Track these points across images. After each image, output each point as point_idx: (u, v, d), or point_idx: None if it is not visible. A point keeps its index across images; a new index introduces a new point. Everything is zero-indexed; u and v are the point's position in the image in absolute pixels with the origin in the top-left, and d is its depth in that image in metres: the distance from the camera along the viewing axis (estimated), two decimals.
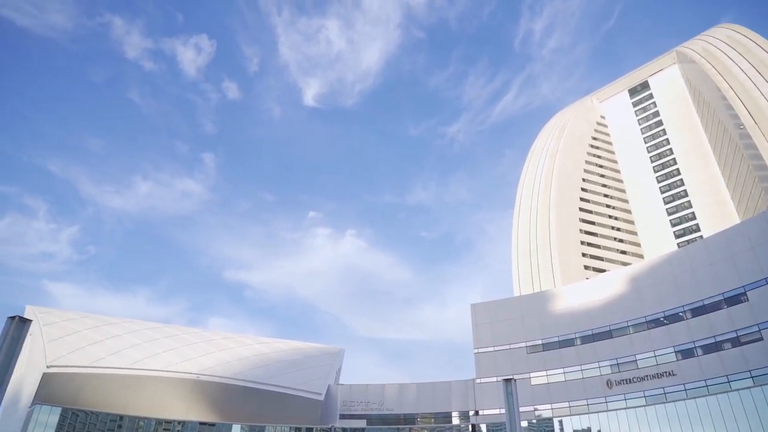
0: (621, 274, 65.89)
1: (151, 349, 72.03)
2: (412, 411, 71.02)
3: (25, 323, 21.85)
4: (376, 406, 71.74)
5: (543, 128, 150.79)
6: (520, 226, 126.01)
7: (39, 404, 58.72)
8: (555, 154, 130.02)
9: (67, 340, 67.59)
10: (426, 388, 72.37)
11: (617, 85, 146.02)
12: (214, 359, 73.79)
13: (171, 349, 73.34)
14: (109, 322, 76.92)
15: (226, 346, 79.38)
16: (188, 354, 73.36)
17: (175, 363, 70.23)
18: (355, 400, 72.59)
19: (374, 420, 70.83)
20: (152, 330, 78.23)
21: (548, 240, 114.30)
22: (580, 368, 62.53)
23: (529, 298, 73.73)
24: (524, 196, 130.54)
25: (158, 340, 75.11)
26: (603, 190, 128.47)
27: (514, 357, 67.66)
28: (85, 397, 63.08)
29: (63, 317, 73.76)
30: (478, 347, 70.68)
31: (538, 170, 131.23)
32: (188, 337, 78.94)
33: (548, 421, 61.68)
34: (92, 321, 75.36)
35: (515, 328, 69.30)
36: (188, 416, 66.98)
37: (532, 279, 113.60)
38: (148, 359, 69.48)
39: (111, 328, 74.55)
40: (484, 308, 73.05)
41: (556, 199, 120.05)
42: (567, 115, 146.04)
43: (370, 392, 72.99)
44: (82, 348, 67.12)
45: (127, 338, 72.95)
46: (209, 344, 78.31)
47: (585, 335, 63.85)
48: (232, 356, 76.16)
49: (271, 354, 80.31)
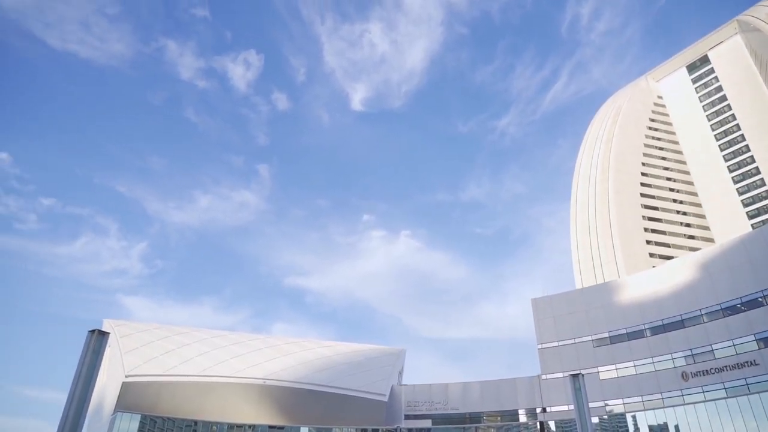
0: (691, 260, 62.65)
1: (219, 356, 74.72)
2: (477, 410, 70.22)
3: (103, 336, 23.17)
4: (441, 405, 71.40)
5: (596, 114, 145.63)
6: (578, 217, 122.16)
7: (120, 412, 62.08)
8: (610, 140, 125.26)
9: (142, 351, 71.19)
10: (490, 386, 71.37)
11: (674, 62, 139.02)
12: (279, 364, 75.67)
13: (238, 356, 75.82)
14: (179, 332, 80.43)
15: (290, 350, 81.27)
16: (254, 360, 75.60)
17: (242, 369, 72.55)
18: (419, 400, 72.53)
19: (439, 419, 70.52)
20: (219, 338, 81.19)
21: (609, 229, 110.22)
22: (652, 360, 59.88)
23: (592, 290, 71.34)
24: (580, 186, 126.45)
25: (225, 347, 77.84)
26: (665, 173, 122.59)
27: (580, 351, 65.64)
28: (162, 404, 66.17)
29: (137, 329, 77.77)
30: (541, 343, 69.04)
31: (593, 158, 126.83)
32: (253, 344, 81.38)
33: (620, 417, 59.46)
34: (164, 331, 79.04)
35: (579, 321, 67.24)
36: (258, 420, 69.00)
37: (594, 270, 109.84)
38: (217, 366, 72.11)
39: (181, 338, 77.91)
40: (546, 303, 71.28)
41: (614, 186, 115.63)
42: (621, 98, 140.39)
43: (434, 392, 72.73)
44: (156, 357, 70.50)
45: (196, 347, 76.01)
46: (274, 350, 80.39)
47: (655, 326, 61.12)
48: (296, 360, 77.87)
49: (333, 357, 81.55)
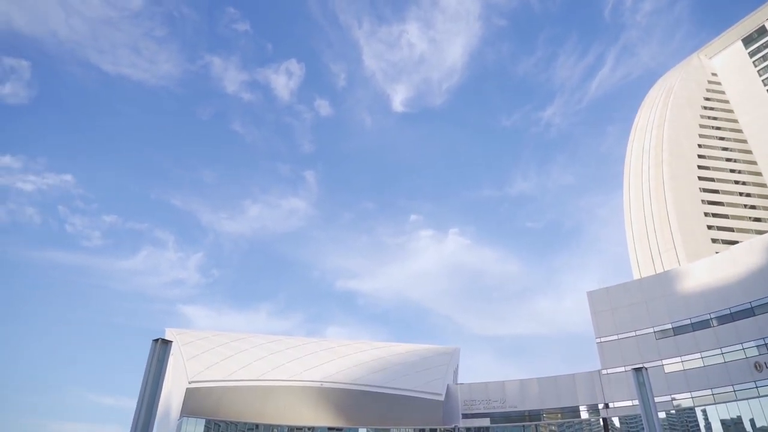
0: (758, 243, 59.25)
1: (277, 360, 76.42)
2: (536, 407, 68.81)
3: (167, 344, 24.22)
4: (498, 403, 70.41)
5: (645, 98, 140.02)
6: (632, 206, 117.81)
7: (186, 417, 64.47)
8: (662, 123, 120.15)
9: (203, 357, 73.70)
10: (548, 382, 69.82)
11: (728, 36, 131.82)
12: (334, 366, 76.64)
13: (294, 360, 77.31)
14: (237, 338, 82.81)
15: (345, 353, 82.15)
16: (310, 363, 76.87)
17: (299, 372, 73.91)
18: (476, 398, 71.77)
19: (497, 418, 69.56)
20: (275, 343, 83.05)
21: (666, 216, 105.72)
22: (721, 351, 56.97)
23: (651, 280, 68.61)
24: (633, 173, 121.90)
25: (282, 351, 79.53)
26: (724, 154, 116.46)
27: (641, 344, 63.26)
28: (224, 408, 68.27)
29: (197, 336, 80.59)
30: (600, 336, 66.98)
31: (645, 144, 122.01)
32: (309, 347, 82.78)
33: (689, 412, 56.88)
34: (222, 338, 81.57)
35: (639, 313, 64.81)
36: (317, 422, 70.09)
37: (652, 259, 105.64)
38: (275, 370, 73.75)
39: (239, 344, 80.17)
40: (603, 295, 69.11)
41: (669, 171, 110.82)
42: (671, 79, 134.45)
43: (491, 390, 71.81)
44: (216, 363, 72.83)
45: (254, 352, 78.03)
46: (329, 352, 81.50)
47: (722, 315, 58.15)
48: (351, 362, 78.65)
49: (388, 358, 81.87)
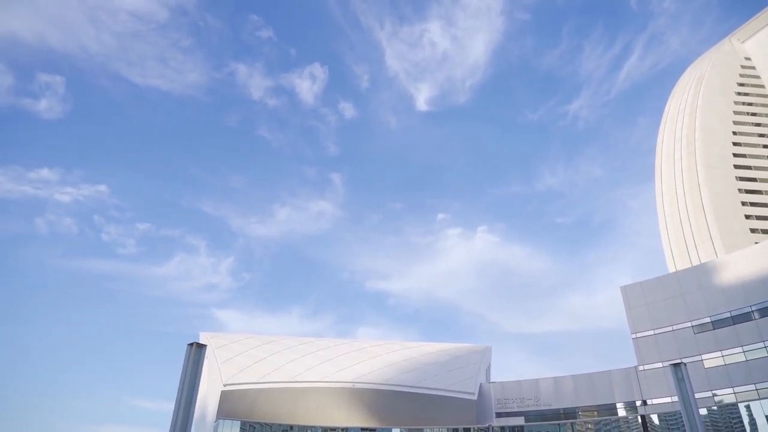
0: None
1: (309, 362, 77.09)
2: (571, 405, 67.75)
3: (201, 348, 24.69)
4: (532, 402, 69.57)
5: (676, 86, 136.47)
6: (665, 197, 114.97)
7: (222, 419, 65.58)
8: (694, 111, 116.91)
9: (236, 360, 74.86)
10: (583, 379, 68.66)
11: (762, 18, 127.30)
12: (366, 367, 76.91)
13: (326, 361, 77.86)
14: (269, 340, 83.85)
15: (376, 353, 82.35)
16: (342, 364, 77.30)
17: (331, 373, 74.40)
18: (509, 397, 71.06)
19: (532, 417, 68.71)
20: (307, 344, 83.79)
21: (701, 207, 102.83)
22: (764, 345, 55.04)
23: (687, 273, 66.81)
24: (665, 164, 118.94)
25: (314, 353, 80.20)
26: (761, 140, 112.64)
27: (679, 339, 61.65)
28: (259, 410, 69.19)
29: (230, 340, 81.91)
30: (635, 332, 65.53)
31: (676, 133, 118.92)
32: (340, 348, 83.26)
33: (732, 408, 55.15)
34: (255, 341, 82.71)
35: (676, 307, 63.17)
36: (350, 423, 70.43)
37: (687, 252, 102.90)
38: (307, 372, 74.41)
39: (272, 346, 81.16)
40: (637, 289, 67.60)
41: (703, 160, 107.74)
42: (702, 65, 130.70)
43: (524, 388, 71.01)
44: (250, 366, 73.87)
45: (286, 354, 78.89)
46: (360, 353, 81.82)
47: (764, 307, 56.17)
48: (382, 363, 78.80)
49: (419, 357, 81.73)
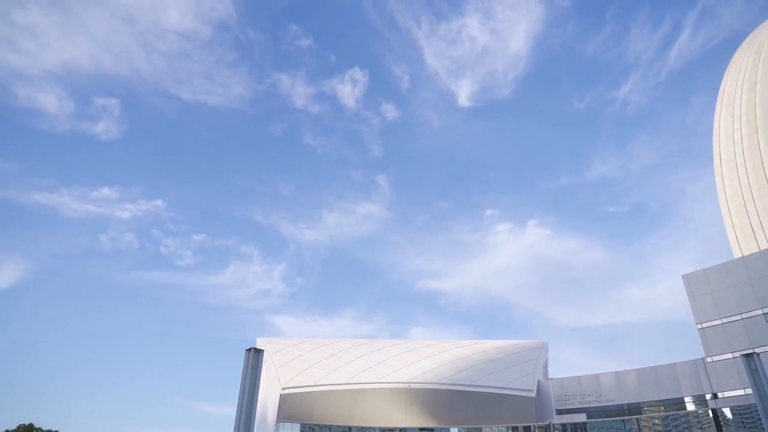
0: None
1: (364, 364, 77.68)
2: (635, 400, 65.35)
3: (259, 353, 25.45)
4: (594, 398, 67.57)
5: (731, 61, 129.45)
6: (725, 180, 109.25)
7: (282, 422, 67.00)
8: (753, 86, 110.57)
9: (293, 364, 76.32)
10: (646, 373, 66.10)
11: None
12: (420, 367, 76.80)
13: (381, 362, 78.25)
14: (323, 343, 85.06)
15: (430, 353, 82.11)
16: (396, 365, 77.49)
17: (386, 374, 74.70)
18: (569, 393, 69.30)
19: (594, 413, 66.73)
20: (361, 346, 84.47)
21: (766, 186, 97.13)
22: None
23: (756, 258, 63.19)
24: (723, 144, 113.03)
25: (368, 354, 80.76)
26: None
27: (749, 328, 58.40)
28: (317, 412, 70.27)
29: (286, 344, 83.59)
30: (700, 322, 62.54)
31: (735, 111, 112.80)
32: (394, 349, 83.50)
33: None
34: (310, 344, 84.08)
35: (744, 294, 59.88)
36: (407, 423, 70.48)
37: (754, 235, 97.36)
38: (362, 373, 74.99)
39: (327, 349, 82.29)
40: (700, 277, 64.53)
41: (766, 138, 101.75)
42: (760, 37, 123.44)
43: (584, 384, 69.06)
44: (306, 369, 75.16)
45: (341, 356, 79.79)
46: (414, 353, 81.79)
47: None
48: (436, 362, 78.49)
49: (474, 356, 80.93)
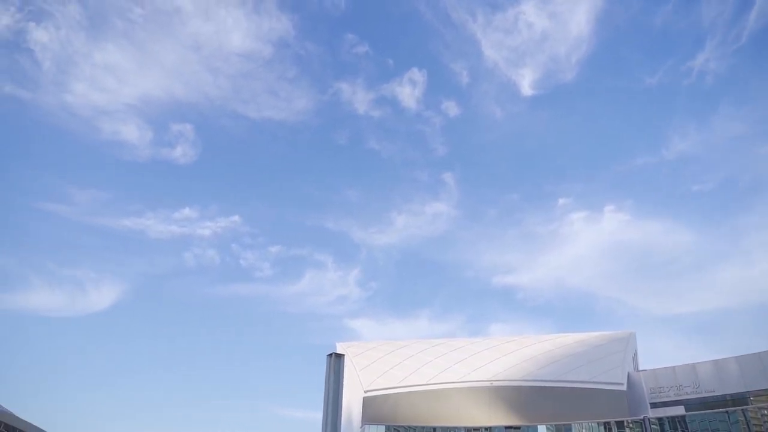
0: None
1: (443, 363, 77.47)
2: (739, 390, 60.84)
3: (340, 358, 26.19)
4: (691, 389, 63.61)
5: None
6: None
7: (367, 424, 68.12)
8: None
9: (374, 367, 77.40)
10: (751, 360, 61.32)
11: None
12: (502, 364, 75.54)
13: (460, 361, 77.71)
14: (402, 345, 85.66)
15: (510, 349, 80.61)
16: (476, 363, 76.67)
17: (467, 373, 74.08)
18: (663, 385, 65.63)
19: (692, 405, 62.75)
20: (439, 346, 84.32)
21: None
22: None
23: None
24: None
25: (446, 354, 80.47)
26: None
27: None
28: (401, 413, 70.80)
29: (365, 348, 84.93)
30: None
31: None
32: (472, 347, 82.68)
33: None
34: (389, 347, 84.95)
35: None
36: (492, 422, 69.46)
37: None
38: (443, 373, 74.79)
39: (405, 350, 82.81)
40: None
41: None
42: None
43: (679, 374, 65.16)
44: (387, 372, 75.97)
45: (420, 357, 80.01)
46: (493, 350, 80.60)
47: None
48: (518, 358, 76.92)
49: (556, 350, 78.60)
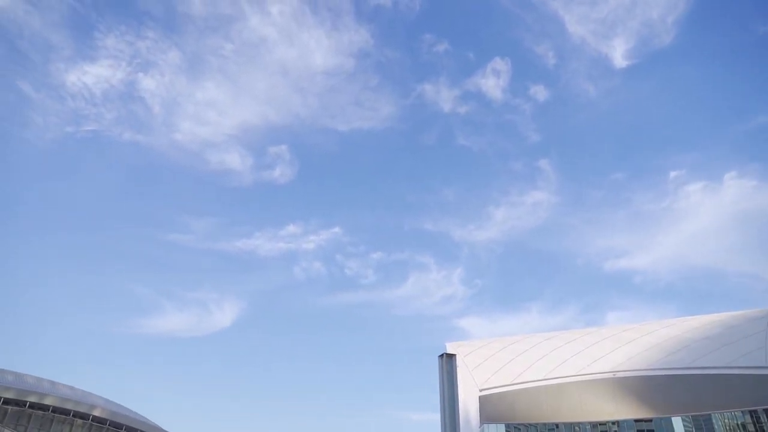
0: None
1: (559, 357, 74.58)
2: None
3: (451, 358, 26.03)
4: None
5: None
6: None
7: (486, 423, 67.24)
8: None
9: (486, 365, 76.27)
10: None
11: None
12: (623, 354, 71.29)
13: (577, 353, 74.39)
14: (513, 341, 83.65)
15: (630, 338, 75.84)
16: (595, 354, 72.97)
17: (586, 365, 70.74)
18: None
19: None
20: (553, 339, 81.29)
21: None
22: None
23: None
24: None
25: (562, 347, 77.38)
26: None
27: None
28: (520, 411, 69.13)
29: (475, 346, 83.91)
30: None
31: None
32: (588, 338, 78.83)
33: None
34: (499, 343, 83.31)
35: None
36: (619, 415, 65.70)
37: None
38: (560, 367, 72.00)
39: (517, 346, 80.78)
40: None
41: None
42: None
43: None
44: (500, 369, 74.54)
45: (534, 352, 77.65)
46: (612, 340, 76.29)
47: None
48: (640, 347, 72.17)
49: (684, 335, 72.70)
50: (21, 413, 69.56)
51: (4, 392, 68.08)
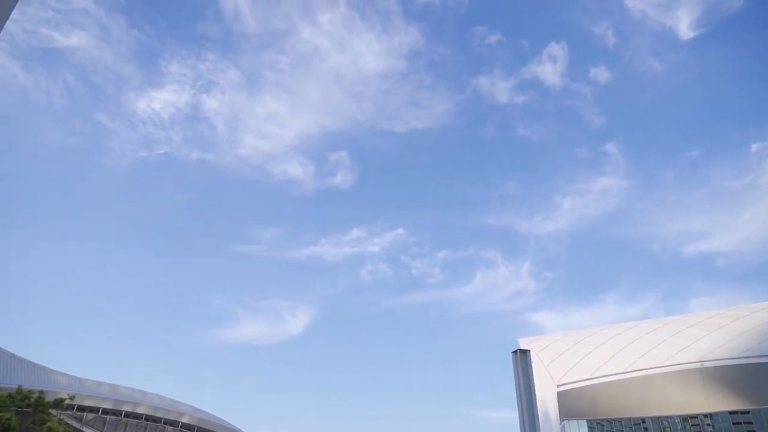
0: None
1: (640, 348, 71.33)
2: None
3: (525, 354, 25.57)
4: None
5: None
6: None
7: (567, 420, 65.28)
8: None
9: (562, 359, 74.06)
10: None
11: None
12: (710, 342, 67.23)
13: (660, 343, 70.87)
14: (588, 334, 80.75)
15: (717, 324, 71.38)
16: (680, 344, 69.24)
17: (670, 356, 67.26)
18: None
19: None
20: (631, 330, 77.81)
21: None
22: None
23: None
24: None
25: (642, 337, 73.95)
26: None
27: None
28: (602, 406, 66.65)
29: (549, 340, 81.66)
30: None
31: None
32: (672, 327, 74.90)
33: None
34: (574, 337, 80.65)
35: None
36: (711, 407, 61.98)
37: None
38: (641, 359, 68.84)
39: (594, 339, 77.92)
40: None
41: None
42: None
43: None
44: (577, 363, 72.16)
45: (612, 344, 74.64)
46: (697, 328, 72.12)
47: None
48: (730, 333, 67.78)
49: None
50: (118, 422, 74.56)
51: (102, 402, 73.25)
